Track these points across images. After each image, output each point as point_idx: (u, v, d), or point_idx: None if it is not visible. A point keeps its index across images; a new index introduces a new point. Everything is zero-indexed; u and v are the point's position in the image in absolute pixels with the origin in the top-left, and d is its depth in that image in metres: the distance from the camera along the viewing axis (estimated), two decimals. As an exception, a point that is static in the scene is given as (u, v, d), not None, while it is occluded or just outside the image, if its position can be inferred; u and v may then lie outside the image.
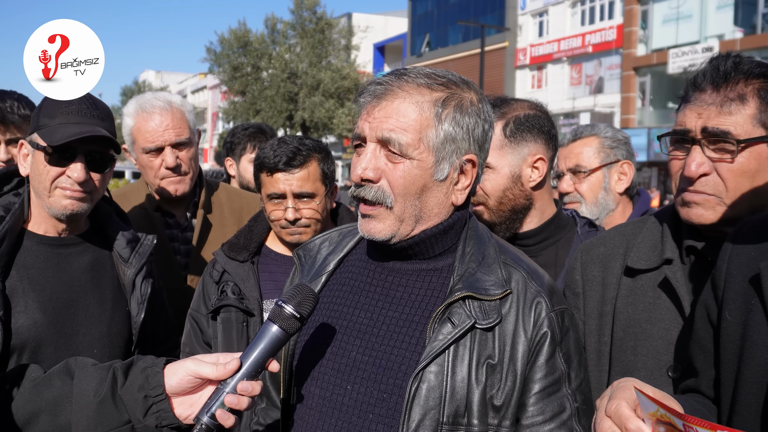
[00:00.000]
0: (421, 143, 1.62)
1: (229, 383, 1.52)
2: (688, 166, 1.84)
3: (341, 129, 37.20)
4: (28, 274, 2.19)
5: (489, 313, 1.61)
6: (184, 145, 3.10)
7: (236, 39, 38.72)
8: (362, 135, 1.67)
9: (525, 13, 40.73)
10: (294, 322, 1.56)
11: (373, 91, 1.66)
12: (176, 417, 1.55)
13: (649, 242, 2.03)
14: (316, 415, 1.69)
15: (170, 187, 3.10)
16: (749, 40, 29.06)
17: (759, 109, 1.78)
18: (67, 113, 2.17)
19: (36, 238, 2.25)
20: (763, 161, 1.81)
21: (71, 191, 2.19)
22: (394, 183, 1.63)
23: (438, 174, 1.65)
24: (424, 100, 1.63)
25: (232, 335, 2.61)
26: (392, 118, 1.62)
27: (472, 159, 1.69)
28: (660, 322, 1.93)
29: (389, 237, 1.67)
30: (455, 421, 1.57)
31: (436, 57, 44.27)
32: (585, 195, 3.21)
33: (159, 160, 3.06)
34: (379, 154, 1.65)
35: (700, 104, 1.83)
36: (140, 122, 3.06)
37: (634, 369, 1.94)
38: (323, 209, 2.66)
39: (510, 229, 2.49)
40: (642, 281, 2.00)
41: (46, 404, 1.55)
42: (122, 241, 2.41)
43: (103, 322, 2.30)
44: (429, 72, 1.68)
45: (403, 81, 1.65)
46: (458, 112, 1.65)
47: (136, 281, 2.38)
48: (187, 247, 3.21)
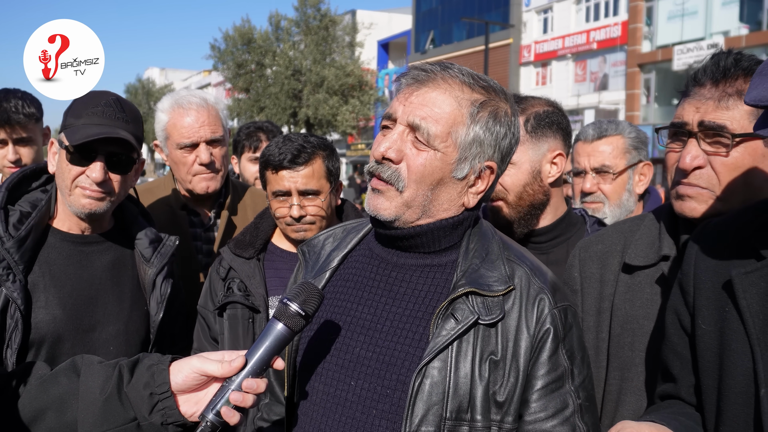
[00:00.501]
0: (449, 137, 1.64)
1: (235, 381, 1.53)
2: (683, 159, 1.86)
3: (345, 126, 37.14)
4: (50, 270, 2.23)
5: (492, 309, 1.62)
6: (218, 143, 3.12)
7: (240, 36, 38.67)
8: (394, 116, 1.69)
9: (529, 10, 40.62)
10: (299, 320, 1.56)
11: (416, 75, 1.68)
12: (182, 414, 1.55)
13: (647, 239, 2.04)
14: (320, 410, 1.70)
15: (202, 184, 3.10)
16: (755, 36, 28.93)
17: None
18: (93, 114, 2.20)
19: (60, 235, 2.29)
20: (757, 157, 1.83)
21: (90, 191, 2.22)
22: (413, 168, 1.65)
23: (457, 172, 1.67)
24: (463, 96, 1.66)
25: (238, 332, 2.62)
26: (427, 106, 1.64)
27: (492, 167, 1.71)
28: (658, 318, 1.94)
29: (393, 218, 1.68)
30: (458, 417, 1.57)
31: (441, 54, 44.18)
32: (609, 196, 3.15)
33: (193, 156, 3.08)
34: (406, 138, 1.66)
35: (698, 98, 1.86)
36: (176, 118, 3.07)
37: (632, 365, 1.95)
38: (328, 206, 2.67)
39: (528, 225, 2.50)
40: (640, 278, 2.01)
41: (52, 401, 1.56)
42: (145, 241, 2.43)
43: (121, 320, 2.33)
44: (473, 73, 1.70)
45: (448, 73, 1.67)
46: (492, 118, 1.67)
47: (157, 281, 2.41)
48: (209, 246, 3.22)
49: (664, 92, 33.79)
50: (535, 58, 40.34)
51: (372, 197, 1.70)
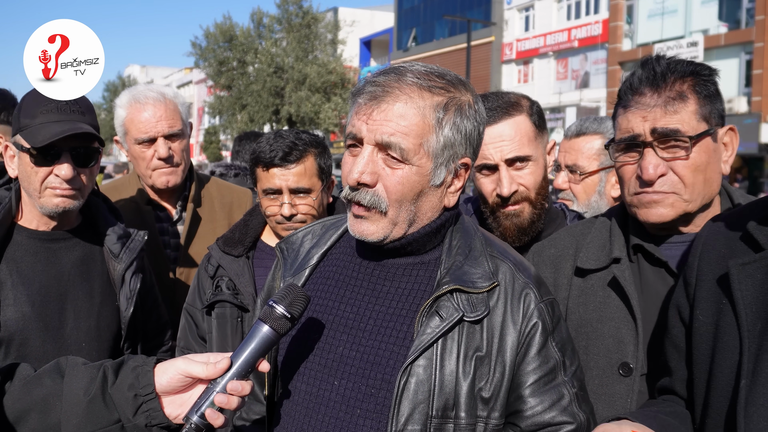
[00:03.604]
0: (421, 148, 1.60)
1: (219, 383, 1.52)
2: (645, 170, 1.86)
3: (327, 124, 37.07)
4: (18, 267, 2.21)
5: (477, 305, 1.62)
6: (177, 137, 3.11)
7: (222, 33, 38.47)
8: (359, 135, 1.63)
9: (511, 8, 40.74)
10: (285, 322, 1.55)
11: (372, 92, 1.61)
12: (166, 416, 1.54)
13: (598, 242, 2.04)
14: (303, 410, 1.69)
15: (162, 178, 3.10)
16: (733, 35, 29.24)
17: (698, 104, 1.84)
18: (47, 111, 2.17)
19: (26, 233, 2.27)
20: (711, 153, 1.87)
21: (61, 189, 2.20)
22: (391, 189, 1.61)
23: (435, 179, 1.64)
24: (425, 104, 1.60)
25: (227, 331, 2.59)
26: (392, 121, 1.58)
27: (467, 162, 1.69)
28: (610, 321, 1.95)
29: (381, 239, 1.66)
30: (444, 415, 1.57)
31: (423, 52, 44.21)
32: (578, 195, 3.13)
33: (151, 151, 3.07)
34: (377, 158, 1.62)
35: (643, 107, 1.86)
36: (133, 113, 3.06)
37: (587, 368, 1.94)
38: (320, 204, 2.63)
39: (542, 221, 2.43)
40: (592, 281, 2.01)
41: (35, 403, 1.54)
42: (113, 237, 2.42)
43: (92, 317, 2.32)
44: (427, 71, 1.64)
45: (403, 82, 1.60)
46: (458, 116, 1.63)
47: (126, 276, 2.39)
48: (176, 240, 3.21)
49: (645, 90, 34.01)
50: (516, 55, 40.47)
51: (356, 223, 1.67)
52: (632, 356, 1.90)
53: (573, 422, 1.63)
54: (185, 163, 3.17)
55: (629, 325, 1.91)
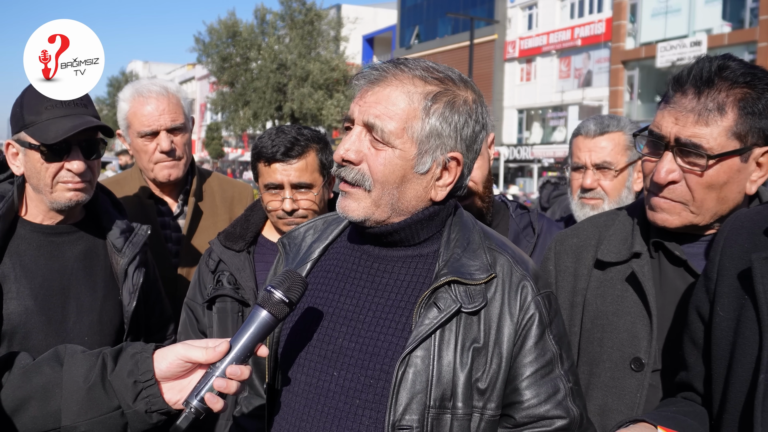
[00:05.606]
0: (405, 133, 1.62)
1: (219, 367, 1.53)
2: (657, 172, 1.85)
3: (330, 120, 37.06)
4: (21, 261, 2.21)
5: (474, 297, 1.62)
6: (179, 131, 3.12)
7: (225, 29, 38.46)
8: (351, 116, 1.68)
9: (514, 6, 40.72)
10: (283, 307, 1.56)
11: (368, 75, 1.67)
12: (166, 402, 1.54)
13: (620, 235, 2.04)
14: (302, 401, 1.70)
15: (164, 172, 3.11)
16: (737, 34, 29.20)
17: (736, 120, 1.76)
18: (52, 107, 2.16)
19: (30, 226, 2.27)
20: (733, 173, 1.81)
21: (73, 183, 2.22)
22: (375, 169, 1.64)
23: (419, 167, 1.65)
24: (415, 91, 1.63)
25: (228, 325, 2.59)
26: (381, 104, 1.63)
27: (457, 157, 1.68)
28: (626, 315, 1.95)
29: (363, 219, 1.67)
30: (442, 405, 1.58)
31: (426, 49, 44.18)
32: (609, 192, 3.10)
33: (154, 145, 3.08)
34: (364, 138, 1.66)
35: (679, 109, 1.81)
36: (136, 106, 3.08)
37: (600, 361, 1.95)
38: (321, 200, 2.63)
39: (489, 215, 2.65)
40: (611, 274, 2.01)
41: (35, 391, 1.54)
42: (116, 231, 2.42)
43: (95, 311, 2.32)
44: (428, 65, 1.67)
45: (399, 70, 1.65)
46: (448, 108, 1.64)
47: (128, 270, 2.39)
48: (178, 234, 3.22)
49: (648, 89, 34.04)
50: (519, 54, 40.45)
51: (341, 199, 1.70)
52: (645, 352, 1.90)
53: (566, 417, 1.64)
54: (187, 157, 3.19)
55: (644, 321, 1.91)
